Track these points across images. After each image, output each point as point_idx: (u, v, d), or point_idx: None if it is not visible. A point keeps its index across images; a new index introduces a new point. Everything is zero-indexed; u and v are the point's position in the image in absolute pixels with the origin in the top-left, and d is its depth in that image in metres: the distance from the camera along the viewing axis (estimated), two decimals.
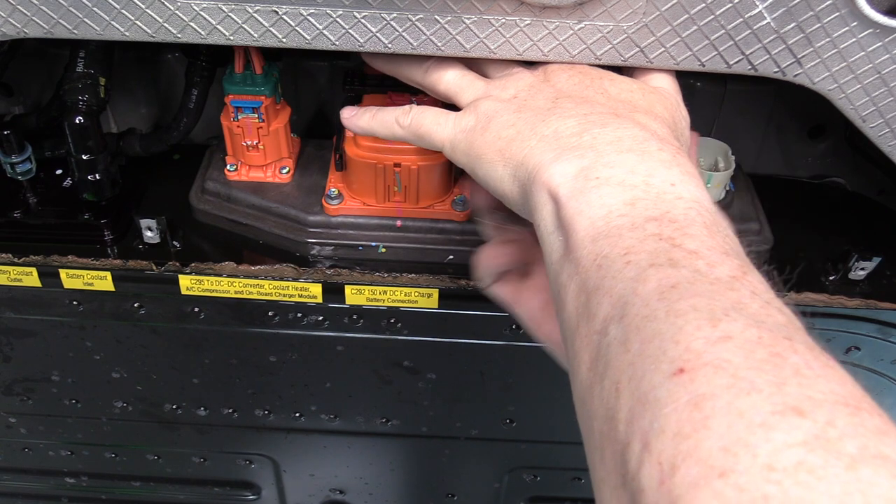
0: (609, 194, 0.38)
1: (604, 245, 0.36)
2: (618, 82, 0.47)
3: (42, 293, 0.65)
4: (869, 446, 0.24)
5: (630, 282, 0.33)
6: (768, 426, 0.25)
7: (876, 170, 0.67)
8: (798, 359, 0.28)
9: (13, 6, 0.47)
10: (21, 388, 0.77)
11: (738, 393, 0.27)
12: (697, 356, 0.29)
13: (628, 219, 0.36)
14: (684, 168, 0.39)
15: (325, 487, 0.92)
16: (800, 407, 0.26)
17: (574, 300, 0.37)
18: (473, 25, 0.48)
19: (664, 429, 0.27)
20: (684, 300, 0.31)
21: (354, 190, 0.62)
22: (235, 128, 0.61)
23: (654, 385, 0.29)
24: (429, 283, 0.62)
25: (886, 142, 0.52)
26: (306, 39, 0.48)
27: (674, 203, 0.37)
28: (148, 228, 0.61)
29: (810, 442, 0.25)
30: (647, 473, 0.27)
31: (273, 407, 0.78)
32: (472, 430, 0.80)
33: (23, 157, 0.61)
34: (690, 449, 0.26)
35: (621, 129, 0.41)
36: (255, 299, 0.64)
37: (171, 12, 0.47)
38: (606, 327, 0.33)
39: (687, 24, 0.47)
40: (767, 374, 0.27)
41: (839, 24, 0.46)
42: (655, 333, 0.30)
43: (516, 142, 0.43)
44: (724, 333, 0.29)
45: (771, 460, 0.24)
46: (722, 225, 0.37)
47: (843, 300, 0.61)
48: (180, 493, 0.93)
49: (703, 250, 0.34)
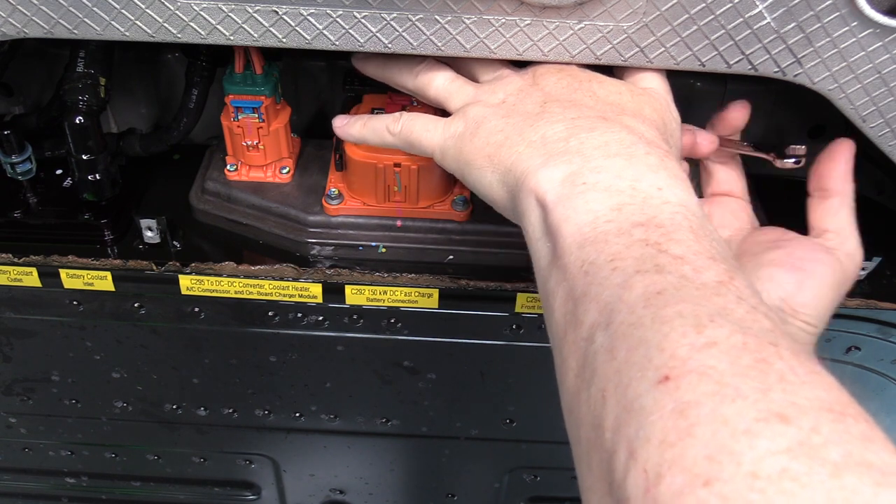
0: (595, 200, 0.37)
1: (590, 251, 0.36)
2: (606, 84, 0.47)
3: (42, 293, 0.65)
4: (853, 453, 0.24)
5: (616, 288, 0.33)
6: (752, 433, 0.25)
7: (876, 170, 0.67)
8: (783, 365, 0.28)
9: (13, 6, 0.47)
10: (21, 388, 0.77)
11: (722, 400, 0.27)
12: (682, 363, 0.28)
13: (615, 224, 0.36)
14: (671, 172, 0.39)
15: (326, 487, 0.92)
16: (784, 413, 0.26)
17: (561, 307, 0.36)
18: (473, 25, 0.47)
19: (650, 437, 0.27)
20: (670, 306, 0.31)
21: (354, 190, 0.62)
22: (235, 128, 0.61)
23: (640, 393, 0.29)
24: (429, 283, 0.62)
25: (886, 142, 0.52)
26: (306, 39, 0.48)
27: (660, 208, 0.37)
28: (148, 228, 0.61)
29: (794, 449, 0.25)
30: (633, 482, 0.27)
31: (273, 407, 0.78)
32: (472, 430, 0.80)
33: (23, 157, 0.61)
34: (675, 457, 0.26)
35: (609, 133, 0.41)
36: (255, 299, 0.64)
37: (171, 12, 0.47)
38: (593, 334, 0.33)
39: (687, 23, 0.47)
40: (752, 381, 0.27)
41: (839, 23, 0.46)
42: (641, 341, 0.30)
43: (504, 147, 0.43)
44: (710, 340, 0.29)
45: (755, 468, 0.24)
46: (709, 229, 0.37)
47: (843, 300, 0.61)
48: (180, 493, 0.93)
49: (689, 255, 0.34)
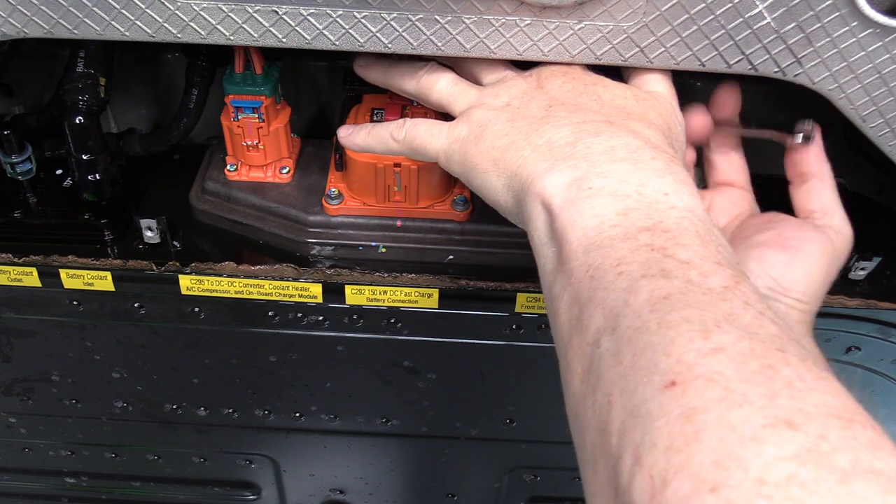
0: (601, 204, 0.37)
1: (596, 256, 0.36)
2: (611, 88, 0.47)
3: (42, 293, 0.65)
4: (861, 460, 0.24)
5: (622, 293, 0.33)
6: (760, 440, 0.25)
7: (876, 170, 0.67)
8: (790, 371, 0.28)
9: (13, 6, 0.47)
10: (21, 388, 0.77)
11: (729, 406, 0.27)
12: (689, 368, 0.28)
13: (621, 229, 0.36)
14: (678, 177, 0.39)
15: (326, 487, 0.92)
16: (792, 420, 0.26)
17: (567, 311, 0.36)
18: (473, 25, 0.47)
19: (656, 442, 0.27)
20: (676, 311, 0.31)
21: (354, 190, 0.62)
22: (235, 128, 0.61)
23: (646, 398, 0.29)
24: (429, 283, 0.62)
25: (886, 142, 0.52)
26: (306, 39, 0.48)
27: (666, 212, 0.37)
28: (148, 228, 0.61)
29: (802, 456, 0.24)
30: (639, 487, 0.27)
31: (273, 407, 0.78)
32: (472, 430, 0.80)
33: (23, 157, 0.61)
34: (682, 463, 0.26)
35: (615, 137, 0.41)
36: (255, 299, 0.64)
37: (171, 12, 0.47)
38: (599, 339, 0.33)
39: (687, 23, 0.47)
40: (759, 387, 0.27)
41: (839, 23, 0.46)
42: (647, 345, 0.30)
43: (510, 152, 0.43)
44: (716, 345, 0.29)
45: (762, 474, 0.24)
46: (715, 234, 0.37)
47: (843, 300, 0.61)
48: (180, 493, 0.93)
49: (695, 260, 0.34)
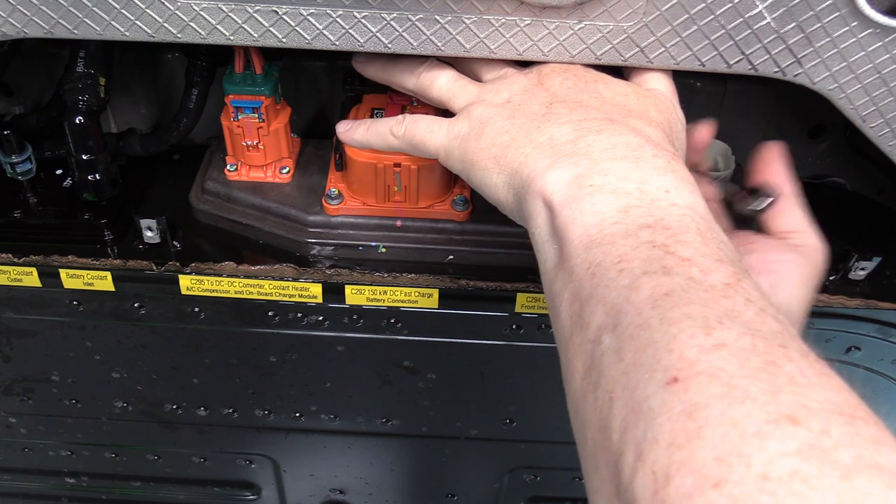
0: (602, 202, 0.37)
1: (597, 253, 0.36)
2: (612, 85, 0.47)
3: (42, 293, 0.65)
4: (864, 456, 0.24)
5: (623, 290, 0.33)
6: (762, 435, 0.25)
7: (876, 170, 0.67)
8: (793, 367, 0.28)
9: (13, 6, 0.47)
10: (21, 388, 0.77)
11: (732, 402, 0.27)
12: (691, 365, 0.28)
13: (622, 226, 0.36)
14: (679, 174, 0.39)
15: (326, 487, 0.92)
16: (794, 415, 0.26)
17: (568, 309, 0.36)
18: (473, 25, 0.47)
19: (658, 438, 0.27)
20: (678, 308, 0.31)
21: (354, 190, 0.62)
22: (235, 128, 0.61)
23: (648, 394, 0.29)
24: (429, 283, 0.62)
25: (886, 142, 0.52)
26: (306, 39, 0.48)
27: (668, 210, 0.37)
28: (148, 228, 0.61)
29: (805, 451, 0.24)
30: (641, 483, 0.27)
31: (273, 407, 0.78)
32: (472, 430, 0.80)
33: (23, 157, 0.61)
34: (684, 459, 0.26)
35: (616, 135, 0.41)
36: (255, 299, 0.64)
37: (171, 12, 0.47)
38: (600, 336, 0.33)
39: (687, 23, 0.47)
40: (762, 383, 0.27)
41: (839, 23, 0.46)
42: (649, 342, 0.30)
43: (511, 149, 0.43)
44: (718, 341, 0.29)
45: (765, 470, 0.24)
46: (716, 231, 0.37)
47: (843, 300, 0.61)
48: (180, 493, 0.93)
49: (696, 257, 0.34)
